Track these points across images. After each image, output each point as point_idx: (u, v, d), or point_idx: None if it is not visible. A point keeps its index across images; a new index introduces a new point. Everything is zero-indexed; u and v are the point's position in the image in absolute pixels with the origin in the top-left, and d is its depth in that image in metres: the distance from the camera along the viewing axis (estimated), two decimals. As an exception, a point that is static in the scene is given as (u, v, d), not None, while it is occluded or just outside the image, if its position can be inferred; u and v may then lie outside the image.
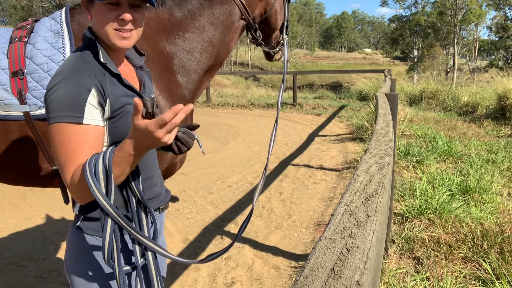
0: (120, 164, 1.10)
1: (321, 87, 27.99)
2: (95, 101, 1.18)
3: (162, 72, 2.02)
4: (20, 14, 37.05)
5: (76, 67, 1.21)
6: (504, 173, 5.56)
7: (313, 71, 34.73)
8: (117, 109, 1.23)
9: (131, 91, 1.30)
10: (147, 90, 1.42)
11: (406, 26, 51.17)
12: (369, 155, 1.29)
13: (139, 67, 1.44)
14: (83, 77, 1.18)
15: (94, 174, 1.09)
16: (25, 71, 1.84)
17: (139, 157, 1.12)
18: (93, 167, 1.10)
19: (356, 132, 9.20)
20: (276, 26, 2.62)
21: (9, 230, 4.19)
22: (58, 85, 1.16)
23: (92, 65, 1.23)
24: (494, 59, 47.64)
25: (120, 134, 1.25)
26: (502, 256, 3.09)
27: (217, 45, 2.26)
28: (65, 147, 1.14)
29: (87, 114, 1.16)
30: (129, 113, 1.26)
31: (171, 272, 3.29)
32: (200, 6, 2.18)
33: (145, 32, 1.75)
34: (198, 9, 2.18)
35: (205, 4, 2.19)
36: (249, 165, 6.57)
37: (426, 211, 4.05)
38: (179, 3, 2.15)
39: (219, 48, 2.29)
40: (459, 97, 13.26)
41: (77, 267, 1.29)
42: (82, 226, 1.28)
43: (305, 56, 79.68)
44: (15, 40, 1.91)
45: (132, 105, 1.25)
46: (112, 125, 1.24)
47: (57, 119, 1.14)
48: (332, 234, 0.71)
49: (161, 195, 1.46)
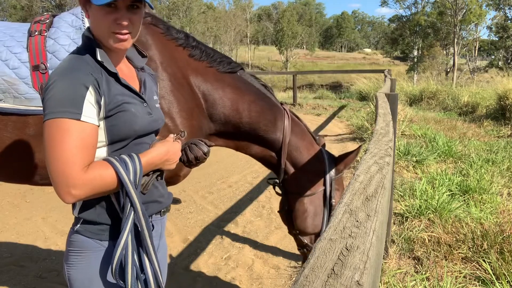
0: (146, 169, 1.27)
1: (321, 87, 27.96)
2: (92, 99, 1.18)
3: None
4: (20, 14, 37.06)
5: (73, 65, 1.21)
6: (504, 173, 5.56)
7: (313, 71, 34.73)
8: (112, 108, 1.23)
9: (129, 90, 1.30)
10: (148, 91, 1.42)
11: (406, 26, 51.17)
12: (369, 155, 1.29)
13: (140, 69, 1.44)
14: (80, 75, 1.18)
15: (126, 168, 1.20)
16: (47, 65, 1.84)
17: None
18: (123, 163, 1.20)
19: (356, 132, 9.20)
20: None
21: (9, 230, 4.19)
22: (56, 83, 1.16)
23: (89, 64, 1.23)
24: (494, 59, 47.61)
25: (118, 132, 1.25)
26: (502, 256, 3.09)
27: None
28: (66, 143, 1.13)
29: (85, 112, 1.16)
30: (127, 112, 1.26)
31: (172, 272, 3.29)
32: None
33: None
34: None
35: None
36: (249, 165, 6.56)
37: (426, 211, 4.05)
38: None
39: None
40: (459, 97, 13.26)
41: (75, 270, 1.29)
42: (81, 229, 1.28)
43: (305, 56, 79.71)
44: (35, 33, 1.90)
45: (131, 104, 1.27)
46: (109, 123, 1.24)
47: (55, 115, 1.13)
48: (332, 234, 0.71)
49: (162, 197, 1.45)
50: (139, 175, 1.21)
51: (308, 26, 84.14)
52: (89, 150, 1.17)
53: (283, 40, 60.12)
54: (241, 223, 4.41)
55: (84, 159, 1.15)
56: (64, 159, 1.12)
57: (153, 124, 1.37)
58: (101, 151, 1.26)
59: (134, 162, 1.21)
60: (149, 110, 1.36)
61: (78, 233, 1.28)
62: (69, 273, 1.30)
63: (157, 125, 1.41)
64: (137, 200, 1.21)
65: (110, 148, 1.27)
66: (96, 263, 1.27)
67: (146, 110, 1.34)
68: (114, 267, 1.18)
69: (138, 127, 1.29)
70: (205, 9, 62.99)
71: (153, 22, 2.17)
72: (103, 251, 1.27)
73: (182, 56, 2.17)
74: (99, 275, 1.27)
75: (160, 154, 1.31)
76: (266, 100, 2.30)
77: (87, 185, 1.13)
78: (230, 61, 2.26)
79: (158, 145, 1.33)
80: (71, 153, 1.12)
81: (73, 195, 1.13)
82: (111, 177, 1.17)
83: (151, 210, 1.39)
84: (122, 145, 1.28)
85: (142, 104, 1.33)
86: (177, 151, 1.39)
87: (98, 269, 1.27)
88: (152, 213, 1.40)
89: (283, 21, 62.42)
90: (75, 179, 1.12)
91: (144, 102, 1.35)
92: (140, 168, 1.22)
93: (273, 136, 2.31)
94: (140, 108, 1.31)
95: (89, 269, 1.27)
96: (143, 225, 1.23)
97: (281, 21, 63.43)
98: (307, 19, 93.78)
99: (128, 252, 1.20)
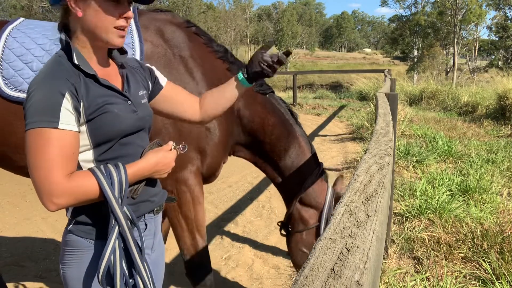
0: (132, 180, 1.26)
1: (321, 87, 27.99)
2: (70, 106, 1.16)
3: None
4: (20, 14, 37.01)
5: (50, 72, 1.20)
6: (504, 173, 5.56)
7: (313, 71, 34.74)
8: (93, 111, 1.21)
9: (111, 90, 1.28)
10: (133, 87, 1.38)
11: (406, 26, 51.13)
12: (369, 155, 1.29)
13: (121, 65, 1.39)
14: (56, 82, 1.17)
15: (111, 181, 1.18)
16: None
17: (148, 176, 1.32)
18: (108, 175, 1.18)
19: (356, 132, 9.20)
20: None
21: (9, 230, 4.19)
22: (34, 92, 1.16)
23: (67, 68, 1.21)
24: (494, 59, 47.57)
25: (102, 135, 1.24)
26: (502, 256, 3.09)
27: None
28: (46, 151, 1.12)
29: (62, 119, 1.15)
30: (109, 113, 1.24)
31: (171, 272, 3.29)
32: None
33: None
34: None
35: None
36: (249, 165, 6.54)
37: (426, 211, 4.05)
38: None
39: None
40: (459, 97, 13.26)
41: (69, 269, 1.29)
42: (74, 229, 1.28)
43: (305, 56, 79.63)
44: None
45: (113, 104, 1.26)
46: (92, 127, 1.22)
47: (33, 125, 1.13)
48: (332, 234, 0.71)
49: (155, 196, 1.42)
50: (125, 187, 1.20)
51: (308, 26, 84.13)
52: (70, 157, 1.16)
53: (283, 40, 60.12)
54: (241, 223, 4.40)
55: (65, 167, 1.14)
56: (45, 168, 1.12)
57: (139, 122, 1.34)
58: (87, 154, 1.25)
59: (120, 174, 1.20)
60: (134, 108, 1.33)
61: (72, 232, 1.29)
62: (64, 272, 1.30)
63: (144, 122, 1.37)
64: (121, 215, 1.19)
65: (96, 151, 1.26)
66: (89, 262, 1.27)
67: (130, 108, 1.31)
68: (101, 276, 1.17)
69: (123, 126, 1.27)
70: (205, 9, 62.93)
71: (197, 32, 2.31)
72: (95, 250, 1.27)
73: (221, 68, 2.31)
74: (91, 274, 1.27)
75: (149, 165, 1.29)
76: (286, 127, 2.42)
77: (69, 194, 1.13)
78: (262, 83, 2.41)
79: (149, 155, 1.31)
80: (51, 161, 1.12)
81: (55, 203, 1.12)
82: (94, 189, 1.16)
83: (143, 209, 1.37)
84: (108, 146, 1.26)
85: (126, 103, 1.31)
86: (170, 161, 1.34)
87: (91, 268, 1.26)
88: (144, 213, 1.38)
89: (283, 21, 62.42)
90: (57, 188, 1.12)
91: (127, 100, 1.32)
92: (126, 180, 1.20)
93: (282, 163, 2.45)
94: (124, 107, 1.29)
95: (82, 268, 1.27)
96: (129, 238, 1.22)
97: (281, 21, 63.42)
98: (307, 19, 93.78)
99: (116, 260, 1.20)
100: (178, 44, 2.21)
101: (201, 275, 2.29)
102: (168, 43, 2.19)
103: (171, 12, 2.36)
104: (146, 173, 1.29)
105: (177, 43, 2.21)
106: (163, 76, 1.57)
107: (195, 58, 2.21)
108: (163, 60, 2.15)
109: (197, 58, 2.22)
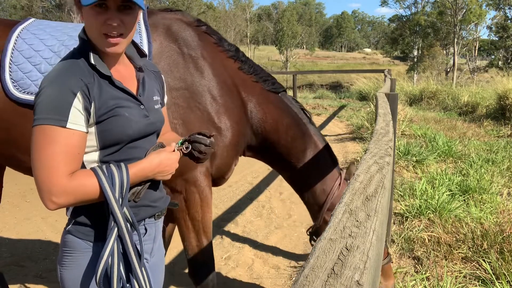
0: (134, 180, 1.24)
1: (321, 87, 28.00)
2: (80, 106, 1.16)
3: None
4: (20, 14, 37.01)
5: (64, 69, 1.19)
6: (504, 173, 5.56)
7: (313, 71, 34.73)
8: (104, 113, 1.20)
9: (124, 93, 1.27)
10: (148, 91, 1.37)
11: (406, 26, 51.11)
12: (369, 155, 1.29)
13: (139, 68, 1.39)
14: (69, 80, 1.16)
15: (112, 182, 1.16)
16: None
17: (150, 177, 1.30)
18: (109, 175, 1.17)
19: (356, 132, 9.20)
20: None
21: (9, 230, 4.19)
22: (45, 88, 1.15)
23: (82, 67, 1.21)
24: (494, 59, 47.56)
25: (110, 138, 1.23)
26: (502, 256, 3.09)
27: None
28: (51, 149, 1.12)
29: (71, 119, 1.14)
30: (119, 117, 1.23)
31: (171, 272, 3.29)
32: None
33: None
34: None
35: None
36: (249, 165, 6.56)
37: (426, 211, 4.05)
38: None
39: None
40: (459, 97, 13.27)
41: (66, 270, 1.28)
42: (73, 230, 1.27)
43: (305, 56, 79.64)
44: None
45: (124, 108, 1.24)
46: (101, 129, 1.21)
47: (41, 121, 1.12)
48: (332, 234, 0.71)
49: (157, 202, 1.41)
50: (126, 188, 1.19)
51: (308, 26, 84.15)
52: (75, 157, 1.16)
53: (283, 40, 60.11)
54: (241, 223, 4.40)
55: (68, 166, 1.13)
56: (47, 166, 1.11)
57: (150, 127, 1.33)
58: (93, 155, 1.24)
59: (122, 174, 1.18)
60: (146, 113, 1.31)
61: (70, 233, 1.28)
62: (61, 273, 1.30)
63: (154, 128, 1.36)
64: (120, 217, 1.18)
65: (102, 153, 1.25)
66: (87, 263, 1.26)
67: (142, 112, 1.30)
68: (98, 278, 1.17)
69: (131, 131, 1.26)
70: (205, 9, 62.88)
71: (208, 31, 2.29)
72: (93, 253, 1.26)
73: (233, 67, 2.28)
74: (89, 276, 1.26)
75: (152, 166, 1.27)
76: (300, 127, 2.37)
77: (70, 194, 1.12)
78: (274, 82, 2.37)
79: (151, 156, 1.29)
80: (54, 160, 1.11)
81: (55, 202, 1.12)
82: (95, 189, 1.15)
83: (143, 214, 1.35)
84: (115, 149, 1.26)
85: (139, 107, 1.30)
86: (173, 162, 1.32)
87: (89, 269, 1.26)
88: (144, 217, 1.36)
89: (283, 21, 62.38)
90: (57, 187, 1.11)
91: (140, 105, 1.30)
92: (127, 180, 1.19)
93: (300, 165, 2.39)
94: (136, 111, 1.28)
95: (79, 270, 1.26)
96: (127, 240, 1.21)
97: (281, 21, 63.37)
98: (307, 19, 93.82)
99: (114, 263, 1.19)
100: (188, 43, 2.19)
101: (204, 276, 2.27)
102: (177, 42, 2.17)
103: (181, 11, 2.34)
104: (148, 173, 1.27)
105: (187, 42, 2.19)
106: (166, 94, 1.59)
107: (205, 57, 2.19)
108: (172, 59, 2.13)
109: (207, 57, 2.20)
